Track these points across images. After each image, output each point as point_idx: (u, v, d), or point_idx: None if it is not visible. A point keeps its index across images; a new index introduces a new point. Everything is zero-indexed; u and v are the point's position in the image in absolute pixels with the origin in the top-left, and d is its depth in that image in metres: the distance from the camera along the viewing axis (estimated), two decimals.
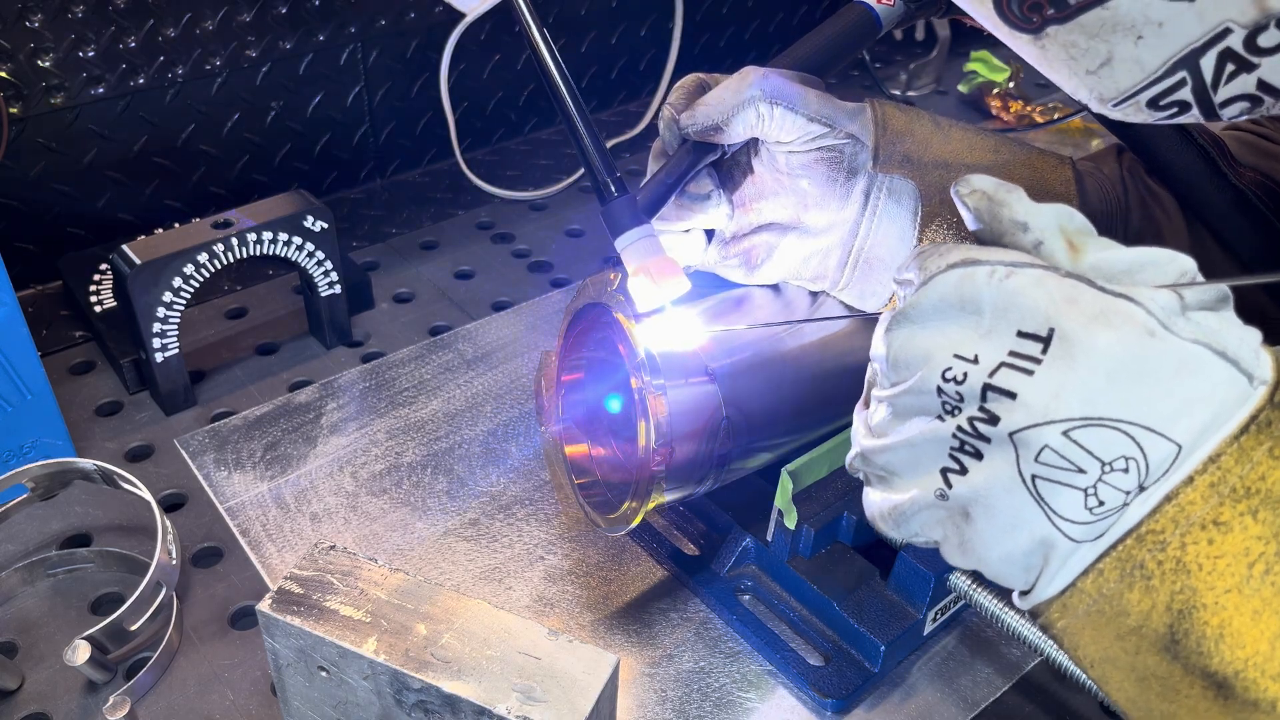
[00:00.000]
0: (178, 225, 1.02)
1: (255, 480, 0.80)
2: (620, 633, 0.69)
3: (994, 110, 1.37)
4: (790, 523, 0.66)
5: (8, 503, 0.73)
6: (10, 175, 0.96)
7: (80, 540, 0.75)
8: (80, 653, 0.60)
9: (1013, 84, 1.36)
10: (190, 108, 1.03)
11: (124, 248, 0.80)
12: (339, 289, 0.92)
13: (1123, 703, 0.44)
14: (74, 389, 0.89)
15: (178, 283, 0.81)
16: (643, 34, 1.34)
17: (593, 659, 0.49)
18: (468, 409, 0.87)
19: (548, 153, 1.28)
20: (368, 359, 0.93)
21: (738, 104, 0.60)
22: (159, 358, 0.83)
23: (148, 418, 0.86)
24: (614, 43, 1.33)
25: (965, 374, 0.41)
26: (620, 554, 0.74)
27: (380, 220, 1.14)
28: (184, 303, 0.82)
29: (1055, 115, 1.32)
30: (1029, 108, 1.35)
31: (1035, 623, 0.44)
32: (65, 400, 0.86)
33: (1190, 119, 0.44)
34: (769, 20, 1.48)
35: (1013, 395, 0.40)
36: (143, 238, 0.84)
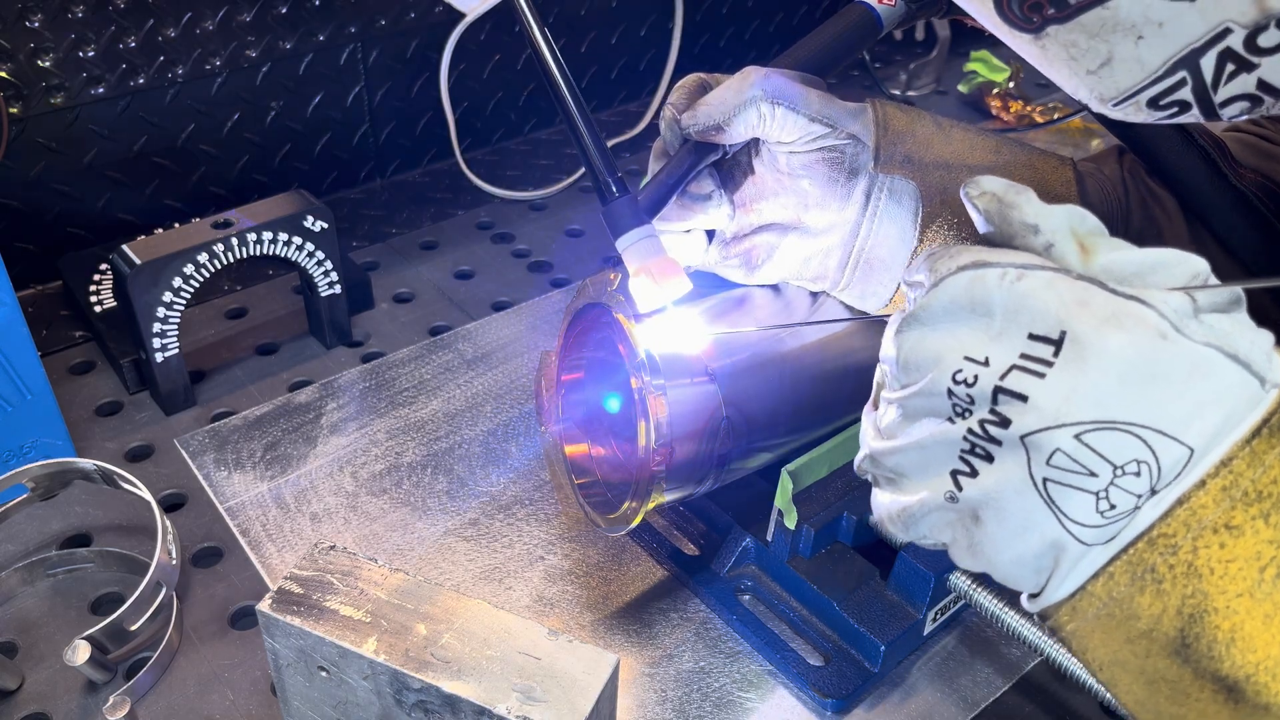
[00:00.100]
0: (178, 225, 1.02)
1: (255, 480, 0.80)
2: (620, 633, 0.69)
3: (994, 110, 1.37)
4: (790, 523, 0.66)
5: (8, 503, 0.73)
6: (10, 175, 0.96)
7: (80, 540, 0.75)
8: (80, 653, 0.60)
9: (1013, 84, 1.36)
10: (190, 108, 1.03)
11: (124, 248, 0.80)
12: (339, 289, 0.92)
13: (1131, 706, 0.44)
14: (74, 389, 0.89)
15: (178, 283, 0.81)
16: (643, 34, 1.34)
17: (593, 659, 0.49)
18: (468, 409, 0.87)
19: (548, 153, 1.28)
20: (368, 359, 0.93)
21: (739, 104, 0.60)
22: (159, 358, 0.83)
23: (148, 418, 0.86)
24: (614, 43, 1.33)
25: (976, 376, 0.41)
26: (620, 554, 0.74)
27: (380, 220, 1.14)
28: (184, 303, 0.82)
29: (1055, 115, 1.32)
30: (1029, 108, 1.35)
31: (1044, 625, 0.44)
32: (65, 400, 0.86)
33: (1190, 119, 0.44)
34: (769, 20, 1.48)
35: (1024, 398, 0.40)
36: (143, 238, 0.84)
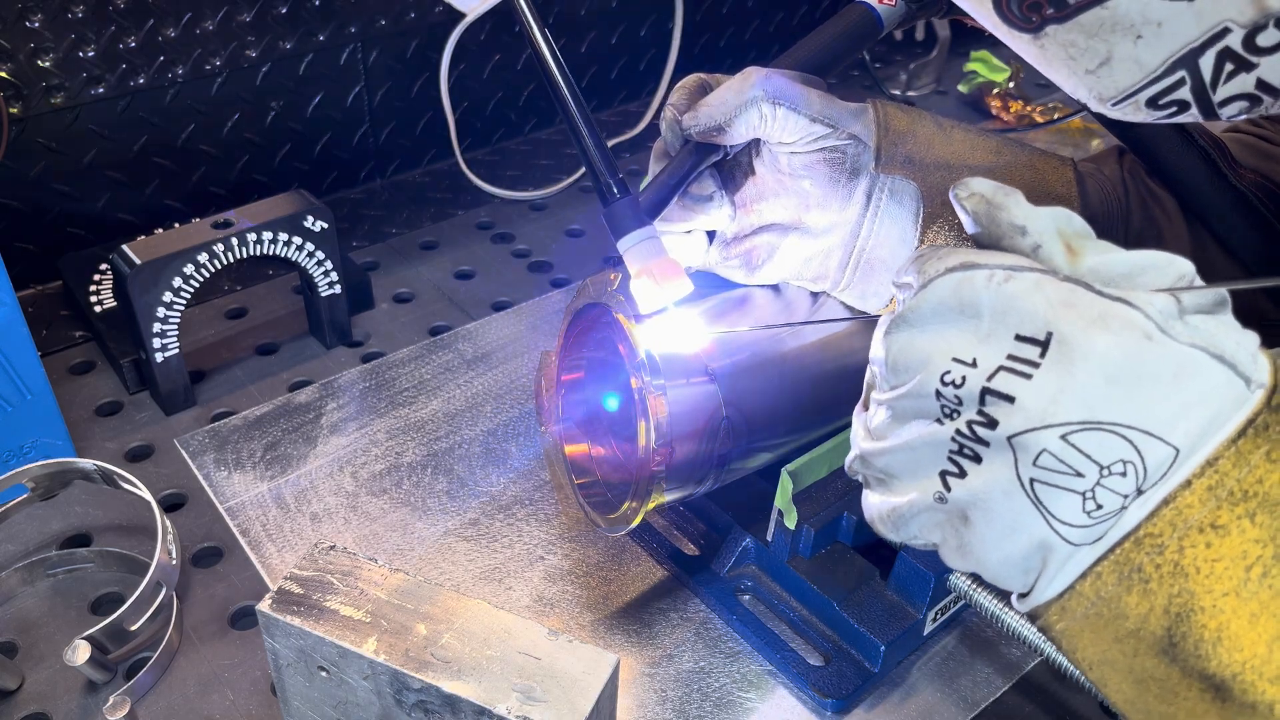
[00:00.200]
0: (178, 225, 1.02)
1: (255, 480, 0.79)
2: (620, 633, 0.69)
3: (994, 110, 1.37)
4: (790, 523, 0.66)
5: (8, 503, 0.73)
6: (10, 175, 0.96)
7: (80, 540, 0.75)
8: (80, 653, 0.60)
9: (1013, 84, 1.36)
10: (190, 108, 1.03)
11: (124, 248, 0.80)
12: (339, 289, 0.92)
13: (1121, 704, 0.44)
14: (74, 389, 0.89)
15: (178, 283, 0.81)
16: (643, 34, 1.34)
17: (593, 659, 0.49)
18: (468, 409, 0.87)
19: (548, 153, 1.28)
20: (368, 359, 0.93)
21: (740, 104, 0.60)
22: (159, 358, 0.83)
23: (148, 418, 0.86)
24: (614, 43, 1.33)
25: (964, 378, 0.41)
26: (620, 554, 0.74)
27: (380, 220, 1.14)
28: (184, 303, 0.82)
29: (1055, 115, 1.32)
30: (1029, 108, 1.35)
31: (1034, 625, 0.44)
32: (65, 400, 0.86)
33: (1189, 118, 0.44)
34: (769, 20, 1.48)
35: (1011, 399, 0.40)
36: (143, 238, 0.84)
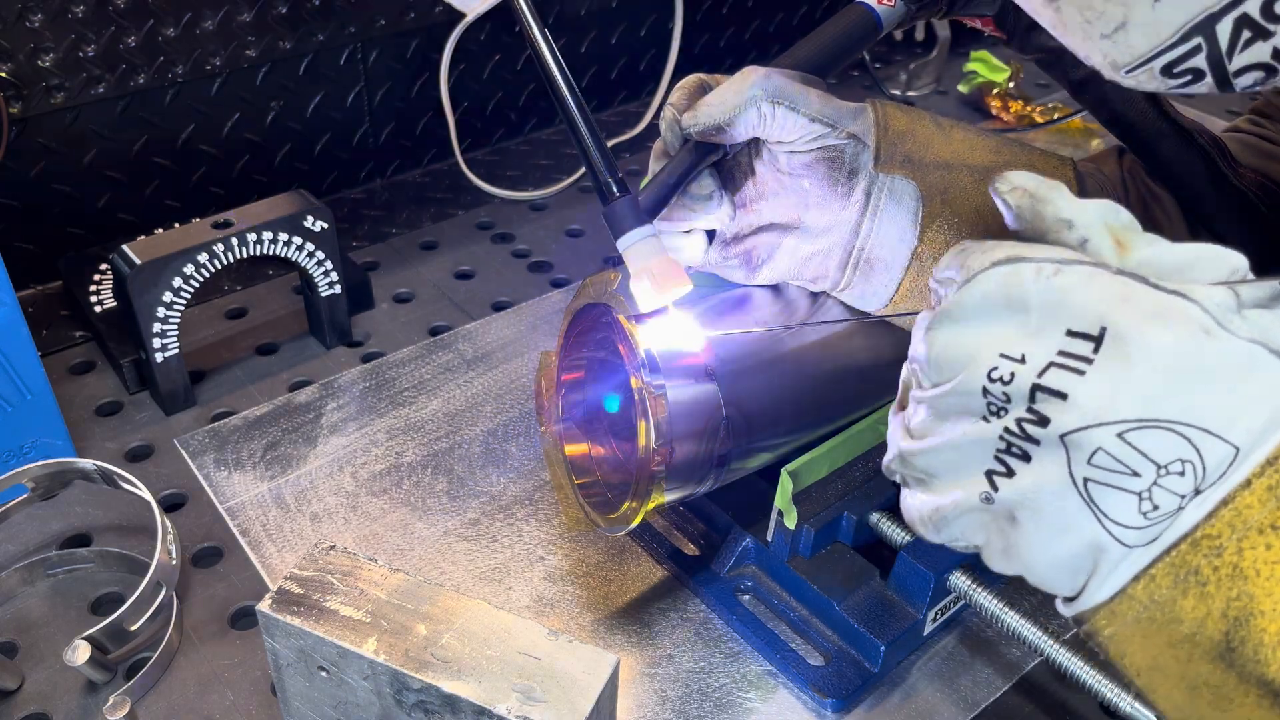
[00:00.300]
0: (178, 225, 1.02)
1: (255, 480, 0.79)
2: (620, 633, 0.69)
3: (994, 110, 1.37)
4: (790, 523, 0.66)
5: (8, 503, 0.73)
6: (10, 175, 0.96)
7: (80, 540, 0.75)
8: (80, 653, 0.60)
9: (1013, 84, 1.36)
10: (190, 108, 1.03)
11: (124, 248, 0.80)
12: (339, 289, 0.92)
13: (1170, 712, 0.43)
14: (74, 389, 0.89)
15: (178, 283, 0.81)
16: (643, 34, 1.34)
17: (593, 659, 0.49)
18: (468, 409, 0.87)
19: (548, 153, 1.28)
20: (368, 359, 0.93)
21: (740, 104, 0.60)
22: (159, 358, 0.83)
23: (148, 418, 0.86)
24: (614, 43, 1.33)
25: (1012, 374, 0.40)
26: (620, 554, 0.74)
27: (380, 220, 1.14)
28: (184, 303, 0.82)
29: (1055, 115, 1.32)
30: (1029, 108, 1.35)
31: (1080, 630, 0.43)
32: (65, 400, 0.86)
33: (1203, 88, 0.42)
34: (769, 20, 1.48)
35: (1064, 396, 0.39)
36: (143, 238, 0.84)
